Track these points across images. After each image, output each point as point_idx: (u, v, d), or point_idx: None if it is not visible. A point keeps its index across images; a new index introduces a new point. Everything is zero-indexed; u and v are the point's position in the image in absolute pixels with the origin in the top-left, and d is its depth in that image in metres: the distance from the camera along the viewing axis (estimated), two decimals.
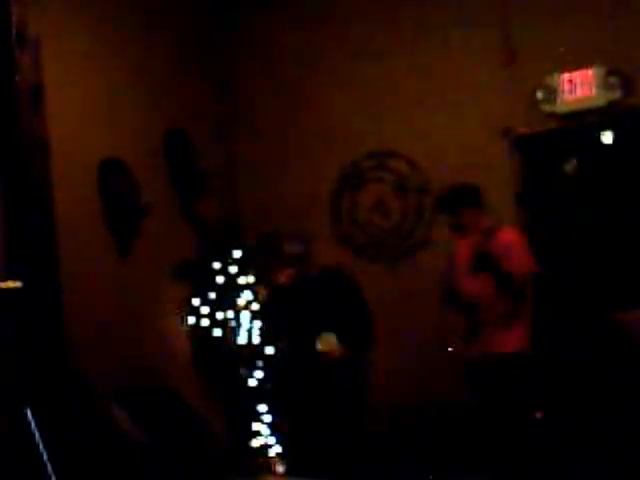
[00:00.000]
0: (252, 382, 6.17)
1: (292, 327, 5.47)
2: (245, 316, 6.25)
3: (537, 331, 6.00)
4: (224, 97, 6.99)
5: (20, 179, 5.23)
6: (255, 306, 6.27)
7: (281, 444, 6.06)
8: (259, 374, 6.15)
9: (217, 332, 6.23)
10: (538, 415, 5.46)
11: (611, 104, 5.76)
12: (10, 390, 4.35)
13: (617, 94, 5.73)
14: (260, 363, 6.14)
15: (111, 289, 5.77)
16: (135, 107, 6.20)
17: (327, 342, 5.21)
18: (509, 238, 5.06)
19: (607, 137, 5.96)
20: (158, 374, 5.81)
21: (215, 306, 6.26)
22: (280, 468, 5.96)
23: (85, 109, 5.80)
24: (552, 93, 5.91)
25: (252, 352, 6.19)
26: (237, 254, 6.33)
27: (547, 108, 5.93)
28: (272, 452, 6.13)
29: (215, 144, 6.85)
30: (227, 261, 6.32)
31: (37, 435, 4.16)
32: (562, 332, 5.95)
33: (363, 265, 6.46)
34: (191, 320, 6.28)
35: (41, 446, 4.15)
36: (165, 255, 6.17)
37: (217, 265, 6.31)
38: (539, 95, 5.94)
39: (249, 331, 6.23)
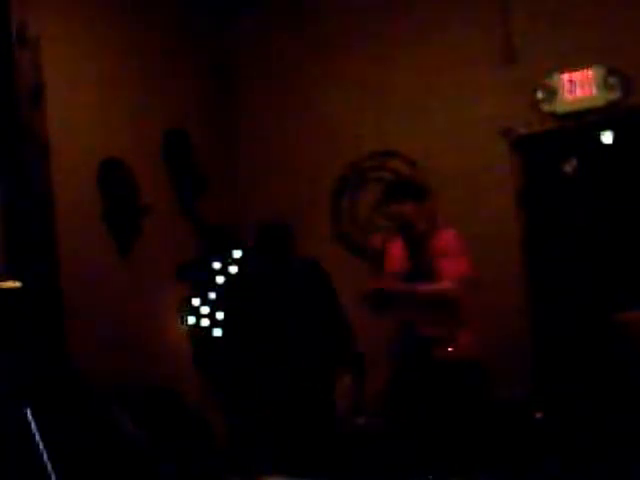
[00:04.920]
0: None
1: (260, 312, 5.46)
2: None
3: (537, 331, 6.03)
4: (224, 97, 7.00)
5: (20, 179, 5.23)
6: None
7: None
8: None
9: (217, 332, 6.23)
10: (538, 415, 5.46)
11: (611, 104, 5.76)
12: (10, 390, 4.35)
13: (617, 94, 5.73)
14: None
15: (111, 289, 5.77)
16: (135, 107, 6.20)
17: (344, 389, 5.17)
18: (446, 240, 4.91)
19: (607, 137, 5.96)
20: (158, 374, 5.81)
21: (215, 306, 6.26)
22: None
23: (85, 109, 5.80)
24: (552, 93, 5.91)
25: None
26: (237, 254, 6.34)
27: (547, 108, 5.93)
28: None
29: (215, 144, 6.85)
30: (227, 261, 6.32)
31: (37, 435, 4.16)
32: (562, 332, 5.95)
33: (363, 265, 6.45)
34: (191, 320, 6.29)
35: (41, 446, 4.15)
36: (165, 255, 6.17)
37: (217, 265, 6.31)
38: (539, 95, 5.95)
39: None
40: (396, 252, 4.98)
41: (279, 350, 5.34)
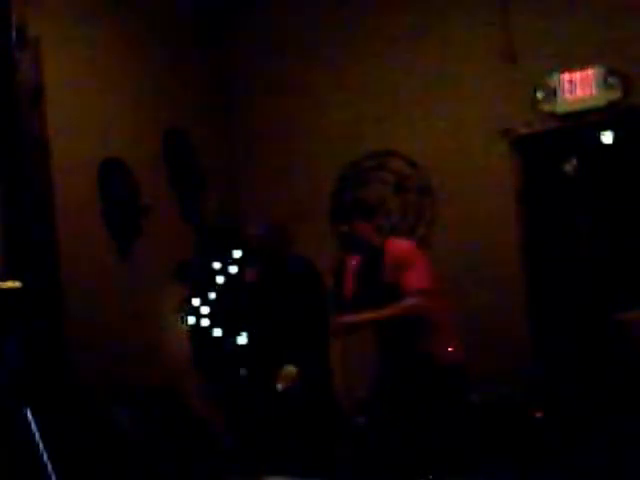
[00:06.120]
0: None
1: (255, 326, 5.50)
2: None
3: (537, 331, 6.03)
4: (224, 97, 7.00)
5: (20, 179, 5.23)
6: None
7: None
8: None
9: (217, 332, 6.23)
10: (538, 415, 5.46)
11: (611, 104, 5.76)
12: (10, 390, 4.35)
13: (617, 94, 5.73)
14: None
15: (111, 289, 5.77)
16: (135, 107, 6.20)
17: (287, 376, 5.15)
18: (400, 252, 4.77)
19: (607, 137, 5.96)
20: (158, 374, 5.81)
21: (215, 306, 6.27)
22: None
23: (85, 109, 5.80)
24: (552, 93, 5.91)
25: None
26: (237, 254, 6.34)
27: (547, 108, 5.93)
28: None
29: (215, 144, 6.85)
30: (227, 261, 6.32)
31: (37, 435, 4.17)
32: (563, 332, 5.96)
33: None
34: (191, 320, 6.29)
35: (41, 446, 4.15)
36: (165, 255, 6.17)
37: (217, 265, 6.32)
38: (539, 95, 5.95)
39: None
40: (352, 268, 4.90)
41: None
